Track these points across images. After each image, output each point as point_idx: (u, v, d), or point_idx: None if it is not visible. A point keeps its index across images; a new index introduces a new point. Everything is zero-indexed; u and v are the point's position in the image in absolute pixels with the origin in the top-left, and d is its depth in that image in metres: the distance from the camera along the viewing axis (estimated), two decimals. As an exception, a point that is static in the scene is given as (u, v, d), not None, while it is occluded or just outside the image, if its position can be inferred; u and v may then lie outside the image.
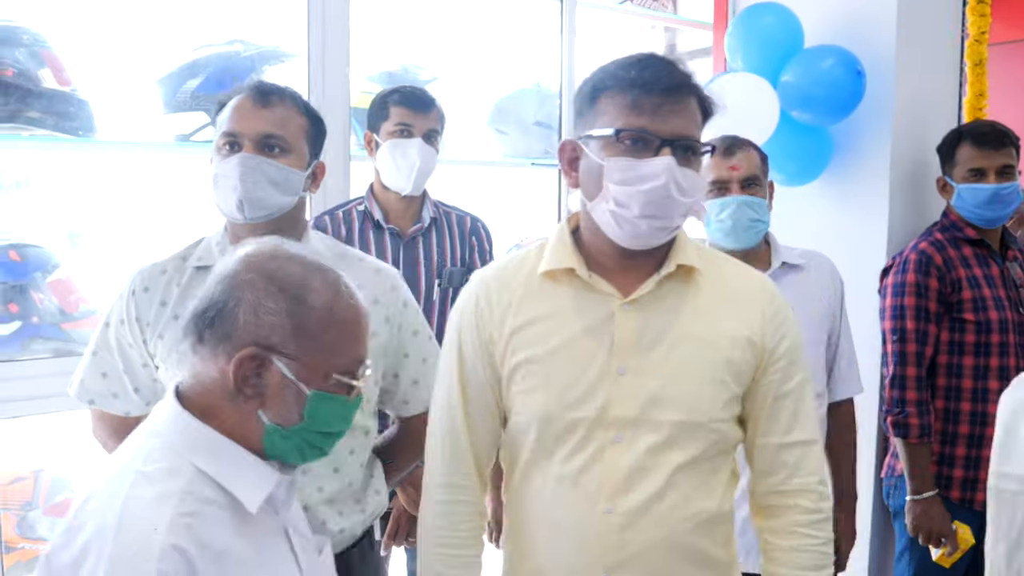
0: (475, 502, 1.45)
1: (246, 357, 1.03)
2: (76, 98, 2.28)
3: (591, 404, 1.32)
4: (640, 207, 1.26)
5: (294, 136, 1.54)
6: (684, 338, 1.33)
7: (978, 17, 2.96)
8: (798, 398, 1.39)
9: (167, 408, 1.08)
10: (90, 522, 0.98)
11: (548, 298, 1.37)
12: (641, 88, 1.26)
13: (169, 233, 2.46)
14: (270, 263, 1.08)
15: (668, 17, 3.69)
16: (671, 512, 1.33)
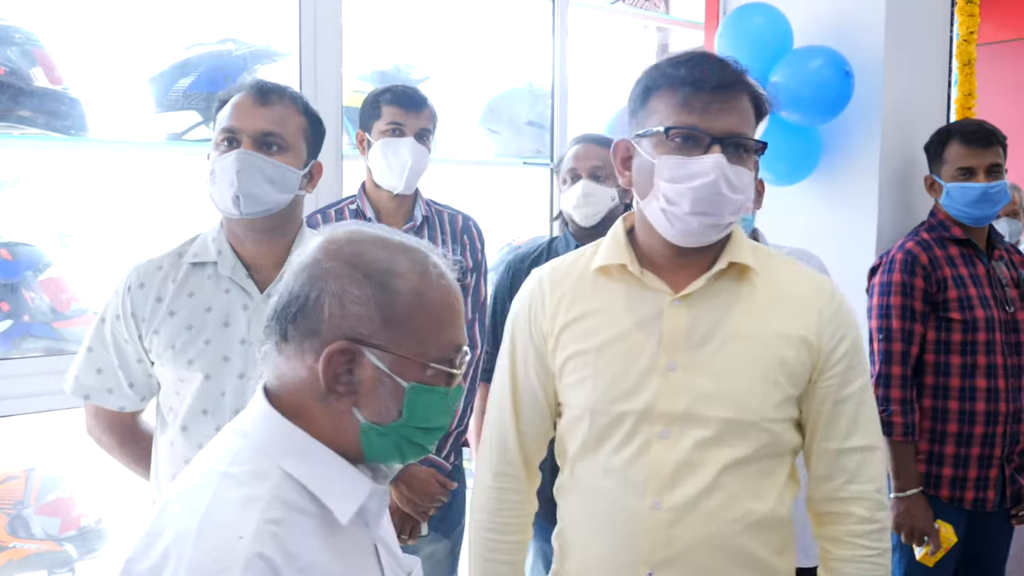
0: (522, 491, 1.48)
1: (335, 352, 0.94)
2: (68, 97, 2.28)
3: (639, 398, 1.33)
4: (691, 204, 1.26)
5: (292, 135, 1.55)
6: (735, 335, 1.32)
7: (967, 17, 2.98)
8: (859, 402, 1.37)
9: (256, 408, 1.00)
10: (171, 527, 0.92)
11: (600, 294, 1.39)
12: (691, 86, 1.27)
13: (161, 232, 2.46)
14: (350, 247, 0.98)
15: (660, 17, 3.71)
16: (719, 511, 1.31)
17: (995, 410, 2.28)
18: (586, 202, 2.24)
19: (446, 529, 2.32)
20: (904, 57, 2.77)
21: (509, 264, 2.41)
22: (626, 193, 2.33)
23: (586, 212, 2.25)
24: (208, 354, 1.52)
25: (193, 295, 1.55)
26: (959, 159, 2.37)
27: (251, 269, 1.57)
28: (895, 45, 2.74)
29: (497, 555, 1.47)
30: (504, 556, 1.48)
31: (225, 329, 1.53)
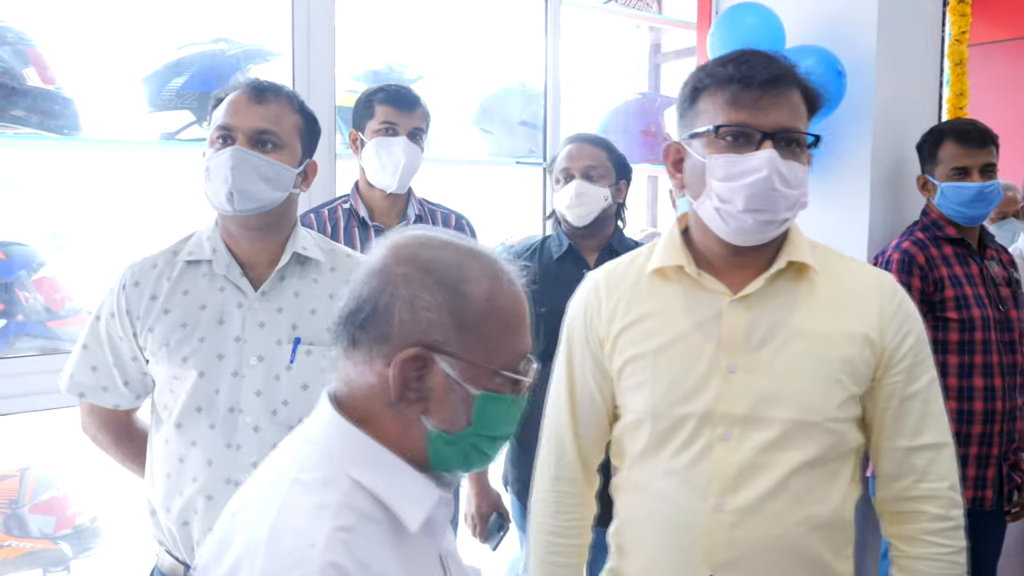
0: (580, 494, 1.49)
1: (408, 358, 0.92)
2: (61, 96, 2.28)
3: (699, 400, 1.32)
4: (744, 201, 1.26)
5: (287, 133, 1.56)
6: (796, 335, 1.31)
7: (959, 17, 3.00)
8: (927, 399, 1.35)
9: (322, 414, 0.99)
10: (242, 534, 0.91)
11: (657, 296, 1.38)
12: (739, 83, 1.26)
13: (155, 231, 2.46)
14: (422, 252, 0.96)
15: (652, 17, 3.72)
16: (784, 513, 1.30)
17: (992, 409, 2.29)
18: (579, 202, 2.25)
19: (440, 527, 2.33)
20: (896, 57, 2.78)
21: None
22: (619, 193, 2.34)
23: (579, 212, 2.26)
24: (202, 352, 1.52)
25: (188, 293, 1.56)
26: (954, 159, 2.38)
27: (246, 267, 1.58)
28: (887, 45, 2.75)
29: (558, 557, 1.49)
30: (564, 559, 1.49)
31: (219, 327, 1.54)
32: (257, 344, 1.53)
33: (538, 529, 1.50)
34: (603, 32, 3.83)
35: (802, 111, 1.30)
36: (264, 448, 1.51)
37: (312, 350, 1.55)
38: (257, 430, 1.51)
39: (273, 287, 1.57)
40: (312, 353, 1.55)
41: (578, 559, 1.50)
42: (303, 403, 1.53)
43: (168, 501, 1.54)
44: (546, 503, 1.49)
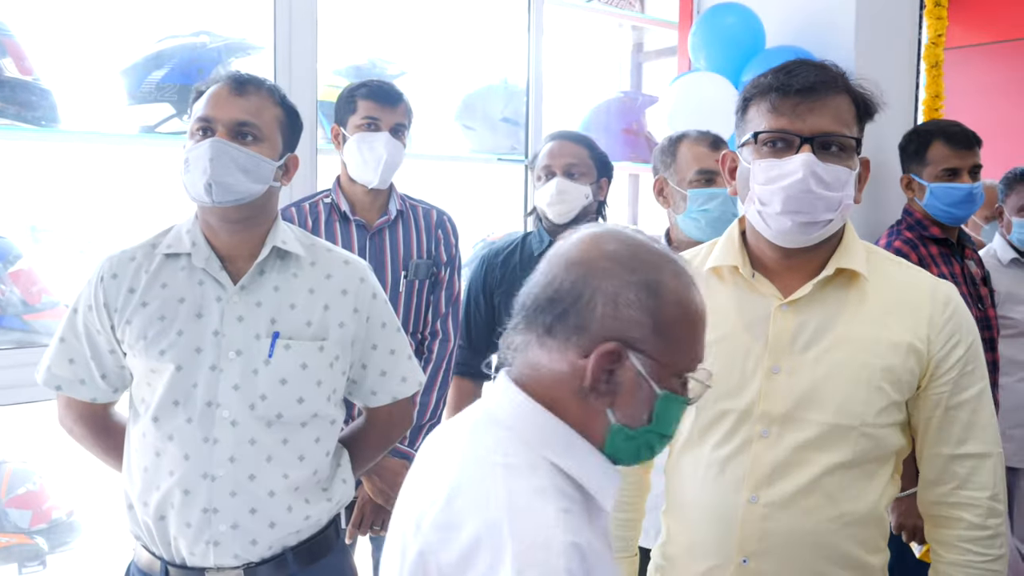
0: (634, 472, 1.59)
1: (607, 352, 0.95)
2: (39, 87, 2.26)
3: (742, 398, 1.38)
4: (782, 203, 1.31)
5: (268, 125, 1.55)
6: (840, 341, 1.35)
7: (935, 20, 3.03)
8: (974, 409, 1.37)
9: (509, 398, 1.01)
10: (471, 518, 0.92)
11: (711, 294, 1.39)
12: (777, 91, 1.32)
13: (134, 224, 2.45)
14: (623, 249, 1.00)
15: (635, 16, 3.73)
16: (816, 510, 1.34)
17: None
18: (560, 199, 2.26)
19: (419, 522, 2.33)
20: (873, 58, 2.81)
21: (483, 259, 2.42)
22: (600, 191, 2.36)
23: (560, 209, 2.27)
24: (180, 345, 1.52)
25: (166, 286, 1.55)
26: (944, 160, 2.40)
27: (225, 261, 1.57)
28: (865, 47, 2.78)
29: (618, 531, 1.59)
30: (618, 531, 1.59)
31: (198, 320, 1.53)
32: (235, 338, 1.53)
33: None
34: (586, 30, 3.84)
35: (847, 116, 1.33)
36: (241, 442, 1.51)
37: (291, 344, 1.55)
38: (235, 424, 1.51)
39: (252, 281, 1.56)
40: (291, 347, 1.55)
41: (631, 531, 1.60)
42: (281, 397, 1.53)
43: (145, 495, 1.53)
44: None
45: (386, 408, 1.72)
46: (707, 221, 2.07)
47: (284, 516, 1.54)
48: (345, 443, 1.73)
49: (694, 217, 2.10)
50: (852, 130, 1.33)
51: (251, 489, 1.51)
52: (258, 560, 1.53)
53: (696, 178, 2.10)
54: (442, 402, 2.31)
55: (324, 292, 1.60)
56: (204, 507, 1.49)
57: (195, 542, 1.50)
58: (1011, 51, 4.06)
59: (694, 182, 2.10)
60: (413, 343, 2.30)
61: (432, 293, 2.34)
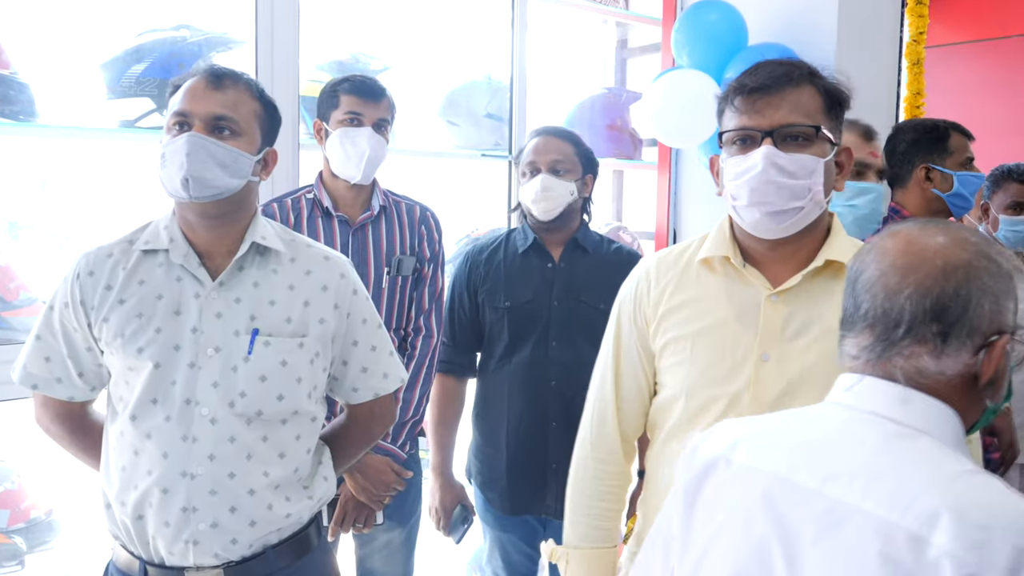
0: (619, 463, 1.62)
1: (1003, 346, 1.01)
2: (16, 81, 2.24)
3: (732, 384, 1.42)
4: (747, 196, 1.37)
5: (246, 120, 1.54)
6: (828, 331, 1.38)
7: (916, 18, 3.05)
8: None
9: (924, 408, 1.03)
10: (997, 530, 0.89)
11: (703, 283, 1.49)
12: (738, 91, 1.40)
13: (113, 220, 2.43)
14: (984, 247, 1.04)
15: (619, 12, 3.73)
16: None
17: None
18: (545, 196, 2.25)
19: (402, 518, 2.33)
20: (855, 56, 2.83)
21: (467, 255, 2.41)
22: (585, 187, 2.35)
23: (545, 207, 2.26)
24: (158, 342, 1.50)
25: (144, 283, 1.53)
26: (964, 149, 2.41)
27: (203, 257, 1.55)
28: (847, 44, 2.80)
29: (592, 520, 1.61)
30: (599, 521, 1.61)
31: (176, 318, 1.52)
32: (214, 335, 1.51)
33: (578, 491, 1.62)
34: (570, 26, 3.84)
35: (809, 107, 1.38)
36: (221, 440, 1.50)
37: (271, 341, 1.54)
38: (214, 422, 1.50)
39: (231, 277, 1.55)
40: (271, 344, 1.53)
41: (614, 523, 1.62)
42: (261, 395, 1.52)
43: (123, 494, 1.51)
44: (585, 468, 1.62)
45: (368, 405, 1.71)
46: (853, 217, 1.98)
47: (265, 514, 1.53)
48: (326, 440, 1.72)
49: (838, 211, 1.98)
50: (816, 120, 1.37)
51: (231, 487, 1.50)
52: (238, 559, 1.52)
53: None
54: (425, 398, 2.30)
55: (304, 288, 1.59)
56: (183, 506, 1.48)
57: (174, 541, 1.49)
58: (991, 49, 4.09)
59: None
60: (396, 339, 2.29)
61: (415, 289, 2.33)
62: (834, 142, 1.40)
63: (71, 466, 1.72)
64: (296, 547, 1.59)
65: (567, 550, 1.61)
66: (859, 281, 1.08)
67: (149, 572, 1.52)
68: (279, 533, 1.56)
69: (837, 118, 1.42)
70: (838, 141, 1.42)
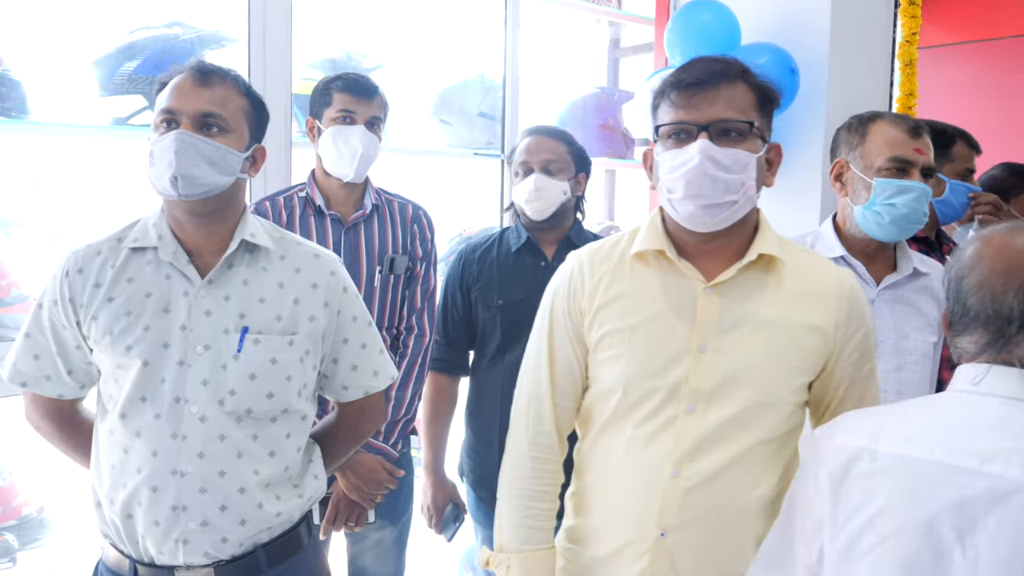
0: (554, 461, 1.59)
1: None
2: (8, 78, 2.23)
3: (670, 376, 1.44)
4: (683, 188, 1.40)
5: (233, 116, 1.54)
6: (762, 323, 1.43)
7: (909, 19, 3.06)
8: (866, 385, 1.50)
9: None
10: None
11: (637, 277, 1.50)
12: (674, 86, 1.42)
13: (105, 217, 2.42)
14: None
15: (612, 12, 3.74)
16: (735, 484, 1.42)
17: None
18: (538, 196, 2.25)
19: (394, 516, 2.33)
20: (848, 56, 2.83)
21: (460, 254, 2.41)
22: (578, 186, 2.35)
23: (538, 206, 2.26)
24: (147, 340, 1.50)
25: (132, 281, 1.53)
26: (967, 159, 2.41)
27: (192, 255, 1.55)
28: (840, 44, 2.80)
29: (532, 520, 1.58)
30: (538, 522, 1.58)
31: (165, 315, 1.51)
32: (203, 333, 1.51)
33: (513, 493, 1.59)
34: (562, 25, 3.84)
35: (743, 103, 1.41)
36: (210, 438, 1.49)
37: (260, 339, 1.53)
38: (203, 420, 1.49)
39: (220, 275, 1.55)
40: (260, 342, 1.53)
41: (550, 522, 1.59)
42: (250, 392, 1.52)
43: (112, 493, 1.51)
44: (522, 468, 1.59)
45: (358, 403, 1.71)
46: (892, 218, 1.92)
47: (255, 513, 1.53)
48: (316, 438, 1.72)
49: (877, 211, 1.94)
50: (750, 116, 1.40)
51: (221, 486, 1.50)
52: (228, 558, 1.52)
53: (888, 166, 1.93)
54: (417, 397, 2.30)
55: (294, 286, 1.59)
56: (173, 504, 1.48)
57: (163, 540, 1.49)
58: (983, 51, 4.10)
59: (884, 170, 1.93)
60: (388, 338, 2.30)
61: (408, 288, 2.34)
62: (765, 139, 1.44)
63: (63, 464, 1.71)
64: (286, 546, 1.59)
65: (507, 555, 1.57)
66: (962, 286, 1.21)
67: (139, 571, 1.52)
68: (269, 532, 1.56)
69: (768, 116, 1.45)
70: (769, 138, 1.46)
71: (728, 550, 1.43)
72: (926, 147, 1.96)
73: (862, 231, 2.00)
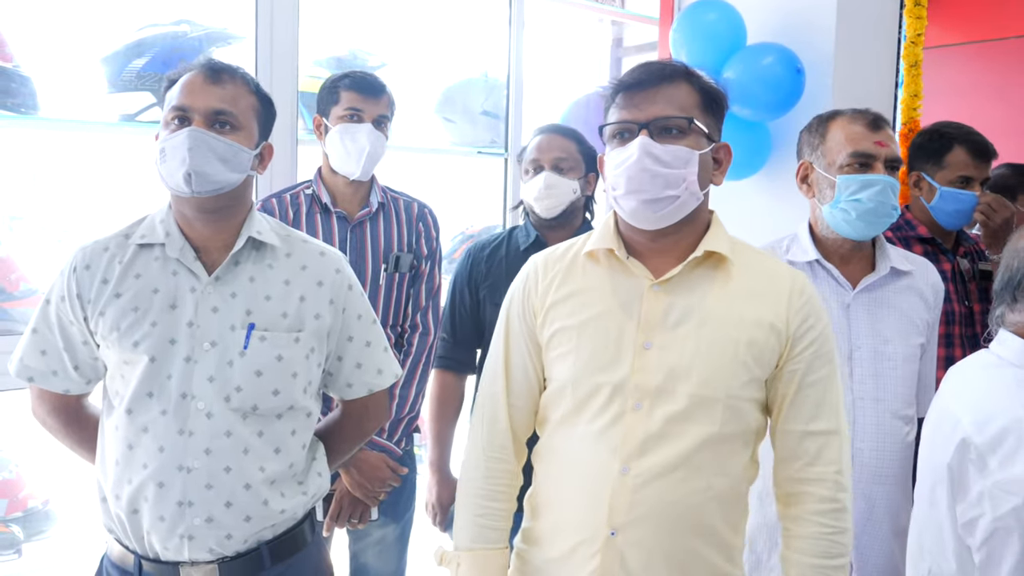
0: (509, 461, 1.59)
1: None
2: (18, 74, 2.25)
3: (616, 372, 1.44)
4: (624, 184, 1.42)
5: (244, 114, 1.55)
6: (708, 319, 1.43)
7: (914, 20, 3.06)
8: (824, 389, 1.47)
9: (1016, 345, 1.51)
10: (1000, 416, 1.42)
11: (587, 275, 1.52)
12: (616, 89, 1.46)
13: (113, 213, 2.44)
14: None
15: (615, 11, 3.74)
16: (683, 481, 1.41)
17: None
18: (548, 194, 2.24)
19: (396, 514, 2.34)
20: (853, 57, 2.84)
21: (469, 251, 2.41)
22: (588, 185, 2.36)
23: (547, 204, 2.25)
24: (154, 336, 1.51)
25: (140, 277, 1.54)
26: (963, 167, 2.39)
27: (199, 251, 1.56)
28: (845, 45, 2.81)
29: (486, 520, 1.57)
30: (492, 521, 1.57)
31: (172, 311, 1.52)
32: (210, 329, 1.52)
33: (468, 492, 1.59)
34: (566, 25, 3.85)
35: (684, 102, 1.43)
36: (217, 435, 1.50)
37: (266, 336, 1.54)
38: (210, 416, 1.50)
39: (227, 272, 1.56)
40: (266, 339, 1.54)
41: (505, 523, 1.59)
42: (256, 389, 1.53)
43: (118, 488, 1.52)
44: (477, 468, 1.59)
45: (362, 400, 1.72)
46: (859, 213, 1.91)
47: (260, 509, 1.53)
48: (320, 436, 1.73)
49: (843, 208, 1.93)
50: (691, 113, 1.42)
51: (227, 482, 1.51)
52: (232, 554, 1.53)
53: (849, 161, 1.93)
54: (421, 395, 2.31)
55: (300, 283, 1.60)
56: (179, 500, 1.49)
57: (169, 536, 1.49)
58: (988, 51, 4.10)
59: (846, 167, 1.93)
60: (393, 336, 2.31)
61: (412, 286, 2.35)
62: (712, 138, 1.46)
63: (69, 456, 1.72)
64: (290, 543, 1.59)
65: (458, 553, 1.57)
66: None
67: (144, 567, 1.53)
68: (273, 529, 1.57)
69: (715, 115, 1.47)
70: (717, 138, 1.48)
71: (680, 550, 1.41)
72: (887, 139, 1.95)
73: (833, 231, 2.00)
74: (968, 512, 1.49)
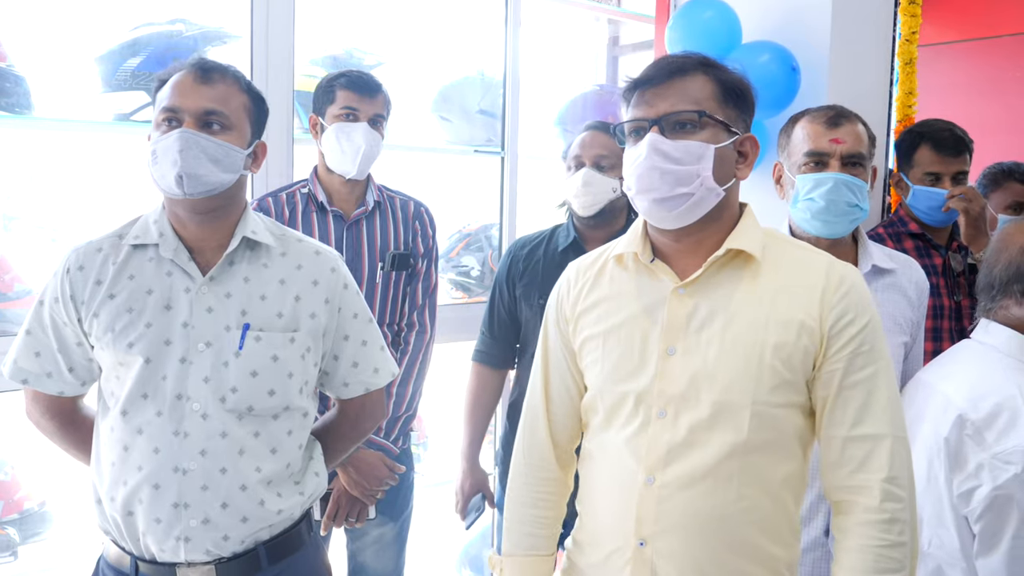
0: (549, 469, 1.58)
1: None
2: (12, 74, 2.24)
3: (640, 379, 1.40)
4: (635, 184, 1.38)
5: (235, 113, 1.54)
6: (733, 321, 1.37)
7: (909, 18, 3.06)
8: (870, 390, 1.36)
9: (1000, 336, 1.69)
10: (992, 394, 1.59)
11: (615, 281, 1.49)
12: (630, 87, 1.42)
13: (107, 213, 2.43)
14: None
15: (612, 10, 3.74)
16: (711, 493, 1.34)
17: None
18: (585, 191, 2.21)
19: (394, 513, 2.34)
20: (848, 55, 2.84)
21: (510, 248, 2.42)
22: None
23: (585, 201, 2.22)
24: (148, 337, 1.50)
25: (134, 277, 1.53)
26: (928, 164, 2.42)
27: (194, 252, 1.56)
28: (840, 43, 2.81)
29: (526, 527, 1.57)
30: (532, 528, 1.57)
31: (167, 312, 1.52)
32: (205, 330, 1.52)
33: (512, 498, 1.60)
34: (562, 23, 3.85)
35: (699, 95, 1.37)
36: (212, 436, 1.50)
37: (262, 336, 1.54)
38: (205, 417, 1.50)
39: (222, 272, 1.55)
40: (261, 339, 1.54)
41: (547, 530, 1.58)
42: (252, 390, 1.52)
43: (113, 490, 1.51)
44: (518, 476, 1.60)
45: (359, 399, 1.72)
46: (813, 213, 1.88)
47: (256, 510, 1.53)
48: (317, 435, 1.73)
49: (800, 208, 1.91)
50: (705, 106, 1.36)
51: (222, 483, 1.50)
52: (229, 555, 1.52)
53: (805, 161, 1.91)
54: (419, 394, 2.31)
55: (295, 283, 1.59)
56: (175, 502, 1.48)
57: (165, 538, 1.49)
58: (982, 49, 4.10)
59: (804, 166, 1.91)
60: (390, 335, 2.31)
61: (409, 285, 2.35)
62: (733, 130, 1.38)
63: (65, 458, 1.72)
64: (287, 543, 1.59)
65: (500, 558, 1.59)
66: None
67: (140, 568, 1.52)
68: (270, 529, 1.57)
69: (737, 107, 1.39)
70: (742, 130, 1.40)
71: (716, 565, 1.35)
72: (847, 135, 1.91)
73: (803, 230, 1.97)
74: (965, 483, 1.57)
